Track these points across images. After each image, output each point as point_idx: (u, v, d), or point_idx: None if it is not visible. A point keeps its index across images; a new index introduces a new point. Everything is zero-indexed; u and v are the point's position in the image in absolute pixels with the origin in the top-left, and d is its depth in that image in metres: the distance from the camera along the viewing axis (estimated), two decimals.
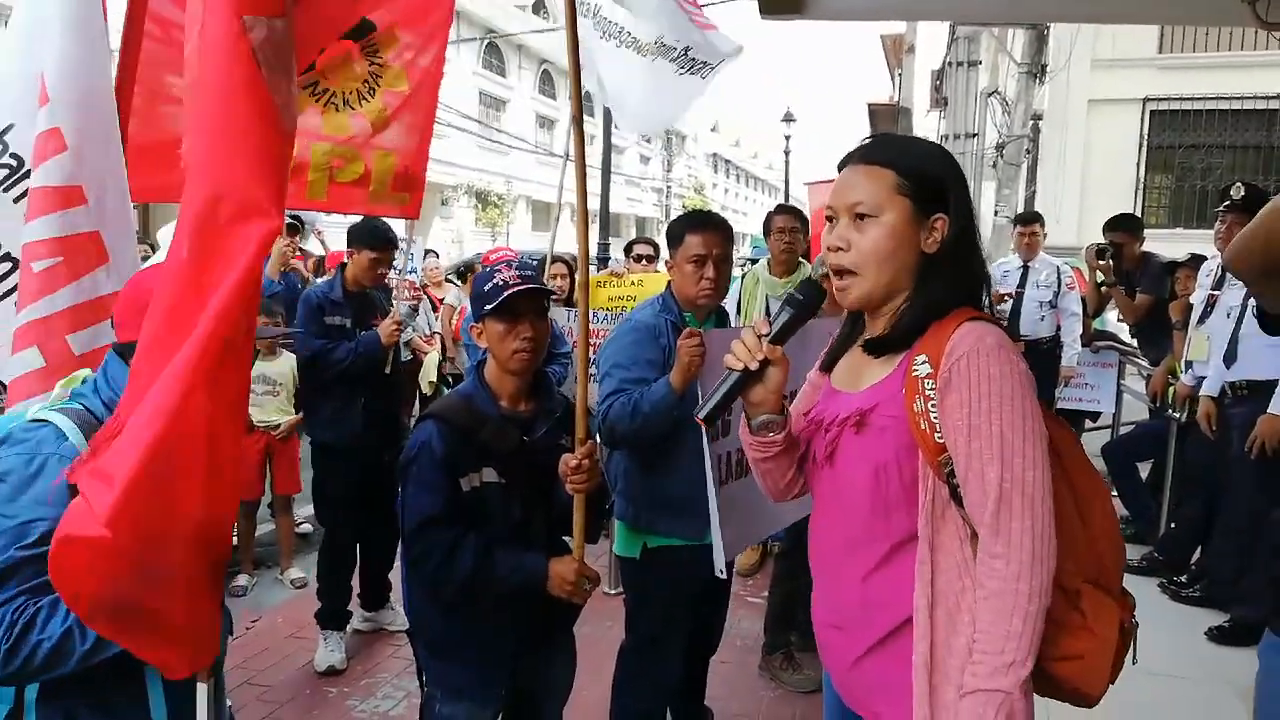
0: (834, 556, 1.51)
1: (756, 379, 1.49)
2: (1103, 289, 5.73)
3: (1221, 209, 4.24)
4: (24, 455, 1.52)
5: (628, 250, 6.38)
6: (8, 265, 2.44)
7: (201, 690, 1.59)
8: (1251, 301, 3.62)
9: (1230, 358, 4.00)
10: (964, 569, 1.34)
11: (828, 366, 1.65)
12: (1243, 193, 4.15)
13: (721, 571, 2.47)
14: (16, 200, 2.42)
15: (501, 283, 2.17)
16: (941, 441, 1.33)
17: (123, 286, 1.93)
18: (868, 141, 1.54)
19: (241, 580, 4.67)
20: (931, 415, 1.33)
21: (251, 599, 4.59)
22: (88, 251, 2.27)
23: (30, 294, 2.24)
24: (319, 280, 5.79)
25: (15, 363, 2.22)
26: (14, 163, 2.44)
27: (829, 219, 1.49)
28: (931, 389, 1.34)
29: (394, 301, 4.20)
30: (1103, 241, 5.62)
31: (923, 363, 1.37)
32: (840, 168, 1.51)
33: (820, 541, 1.57)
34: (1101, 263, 5.49)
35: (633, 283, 4.85)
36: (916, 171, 1.43)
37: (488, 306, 2.16)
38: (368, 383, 3.94)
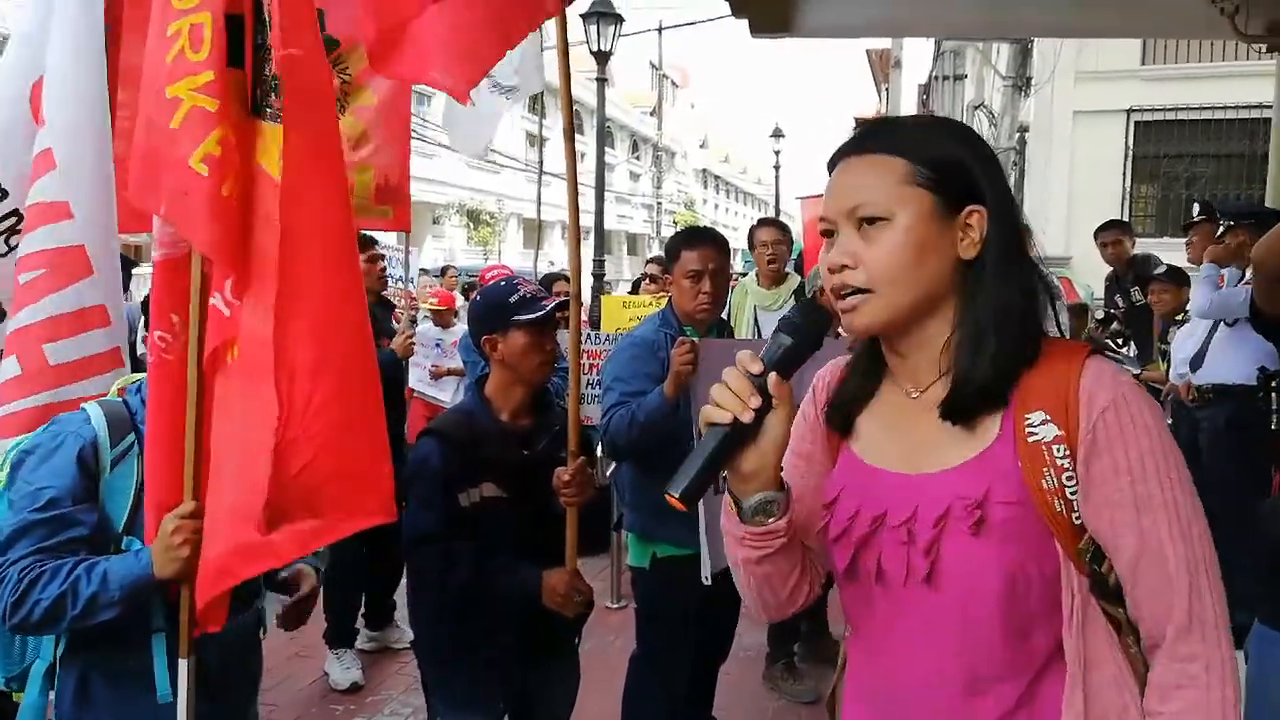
0: (941, 710, 1.08)
1: (748, 438, 1.04)
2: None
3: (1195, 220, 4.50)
4: (50, 433, 1.73)
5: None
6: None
7: (183, 665, 1.71)
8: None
9: (1198, 362, 4.14)
10: (1121, 682, 1.03)
11: (842, 425, 1.20)
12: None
13: (708, 579, 2.49)
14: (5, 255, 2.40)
15: (530, 295, 2.17)
16: (1080, 524, 1.02)
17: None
18: (863, 127, 1.18)
19: None
20: (1068, 492, 1.01)
21: None
22: (74, 263, 2.27)
23: (15, 306, 2.25)
24: None
25: None
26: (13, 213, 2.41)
27: (826, 234, 1.12)
28: (1065, 456, 1.01)
29: (398, 318, 4.23)
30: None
31: (1042, 422, 1.02)
32: (831, 167, 1.14)
33: (909, 689, 1.11)
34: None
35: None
36: (932, 153, 1.07)
37: (521, 317, 2.14)
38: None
